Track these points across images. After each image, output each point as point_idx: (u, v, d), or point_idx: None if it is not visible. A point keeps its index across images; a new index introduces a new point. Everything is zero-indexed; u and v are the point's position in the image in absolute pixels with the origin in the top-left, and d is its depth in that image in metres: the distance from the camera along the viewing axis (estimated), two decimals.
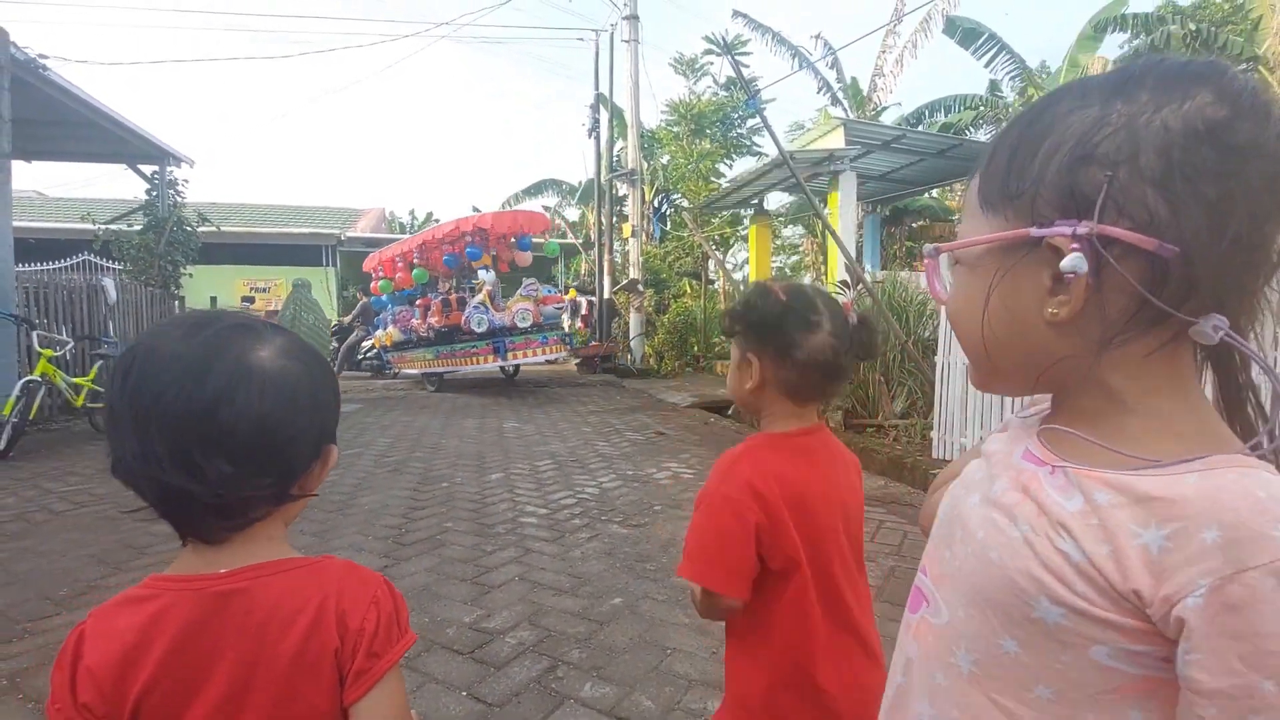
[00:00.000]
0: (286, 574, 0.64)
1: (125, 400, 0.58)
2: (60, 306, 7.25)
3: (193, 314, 0.65)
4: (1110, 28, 12.34)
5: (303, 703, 0.62)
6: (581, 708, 1.87)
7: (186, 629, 0.60)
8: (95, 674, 0.59)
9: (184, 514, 0.61)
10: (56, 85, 7.07)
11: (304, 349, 0.66)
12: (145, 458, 0.57)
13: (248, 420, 0.59)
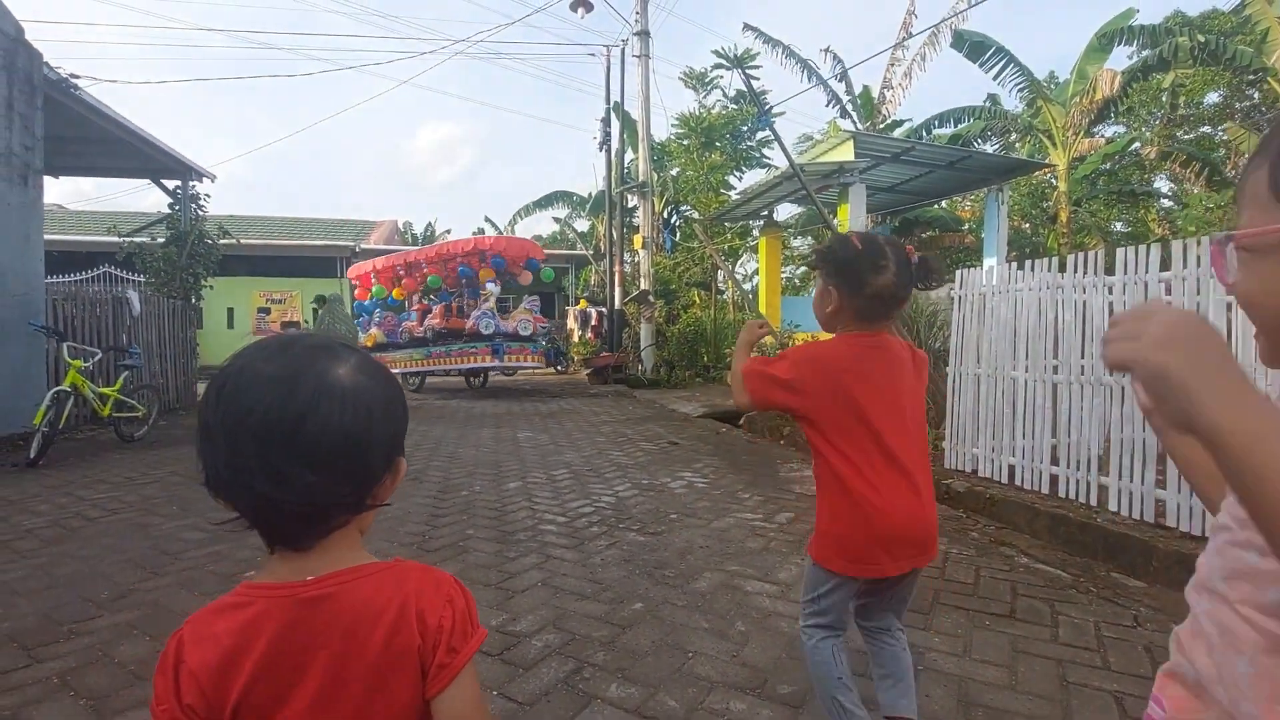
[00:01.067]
0: (368, 578, 0.69)
1: (219, 417, 0.64)
2: (86, 318, 7.43)
3: (278, 336, 0.72)
4: (1118, 40, 12.40)
5: (389, 696, 0.68)
6: (609, 707, 1.94)
7: (281, 632, 0.65)
8: (198, 676, 0.64)
9: (274, 523, 0.66)
10: (86, 104, 7.28)
11: (375, 366, 0.72)
12: (238, 469, 0.63)
13: (330, 432, 0.64)
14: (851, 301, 1.44)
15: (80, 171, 10.33)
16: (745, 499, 4.34)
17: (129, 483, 4.82)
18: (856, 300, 1.43)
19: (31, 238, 6.68)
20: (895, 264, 1.39)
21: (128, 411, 6.53)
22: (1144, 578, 2.97)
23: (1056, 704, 1.96)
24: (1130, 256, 3.58)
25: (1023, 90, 13.19)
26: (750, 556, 3.23)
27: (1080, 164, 15.63)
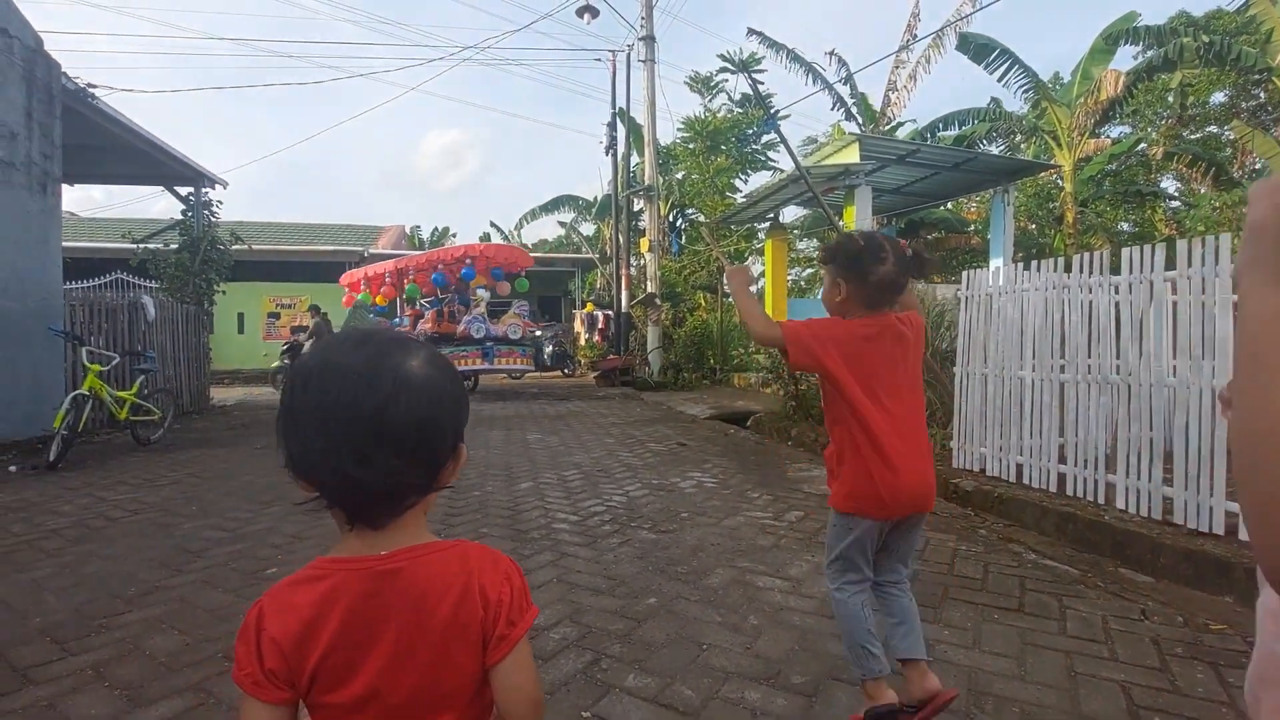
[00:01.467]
0: (435, 555, 0.75)
1: (308, 405, 0.69)
2: (103, 323, 7.55)
3: (355, 332, 0.77)
4: (1123, 40, 12.41)
5: (454, 662, 0.73)
6: (626, 696, 2.00)
7: (357, 602, 0.71)
8: (279, 643, 0.69)
9: (357, 502, 0.71)
10: (103, 113, 7.41)
11: (442, 360, 0.78)
12: (329, 453, 0.68)
13: (408, 420, 0.70)
14: (858, 291, 1.68)
15: (96, 179, 10.49)
16: (755, 498, 4.38)
17: (148, 484, 4.90)
18: (863, 289, 1.67)
19: (50, 244, 6.80)
20: (893, 256, 1.65)
21: (144, 415, 6.63)
22: (1152, 573, 3.01)
23: (1065, 693, 2.00)
24: (1135, 256, 3.62)
25: (1028, 92, 13.21)
26: (761, 553, 3.28)
27: (1086, 165, 15.61)
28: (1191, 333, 3.27)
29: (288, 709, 0.72)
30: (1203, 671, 2.13)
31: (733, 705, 1.94)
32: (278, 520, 3.91)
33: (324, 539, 3.56)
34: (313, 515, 3.69)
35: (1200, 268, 3.25)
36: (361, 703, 0.71)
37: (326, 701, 0.71)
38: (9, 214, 6.34)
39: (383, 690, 0.71)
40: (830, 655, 2.22)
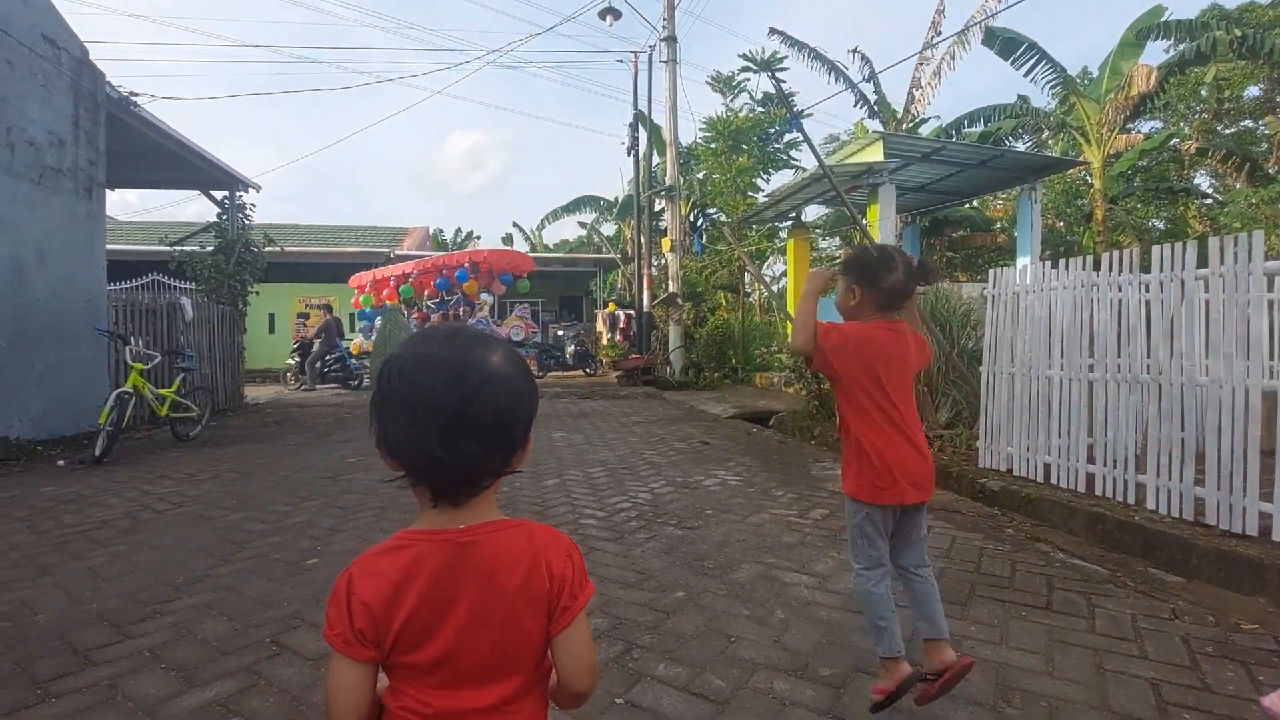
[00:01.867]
0: (506, 531, 0.82)
1: (402, 394, 0.77)
2: (144, 323, 7.81)
3: (441, 328, 0.84)
4: (1153, 34, 12.16)
5: (522, 629, 0.80)
6: (658, 684, 2.06)
7: (438, 570, 0.78)
8: (369, 605, 0.76)
9: (443, 481, 0.78)
10: (145, 120, 7.67)
11: (516, 356, 0.85)
12: (420, 438, 0.75)
13: (491, 410, 0.77)
14: (871, 296, 1.92)
15: (136, 184, 10.85)
16: (779, 496, 4.41)
17: (189, 479, 5.08)
18: (875, 295, 1.91)
19: (95, 247, 7.06)
20: (902, 266, 1.90)
21: (183, 412, 6.85)
22: (1183, 574, 2.99)
23: (1093, 689, 2.02)
24: (1166, 254, 3.58)
25: (1055, 87, 12.99)
26: (787, 550, 3.32)
27: (1116, 161, 15.31)
28: (1225, 331, 3.23)
29: (371, 668, 0.78)
30: (1233, 670, 2.13)
31: (762, 695, 1.99)
32: (315, 514, 4.04)
33: (359, 531, 3.68)
34: (348, 510, 3.82)
35: (1234, 265, 3.21)
36: (437, 663, 0.78)
37: (406, 661, 0.78)
38: (58, 219, 6.60)
39: (457, 652, 0.78)
40: (858, 649, 2.26)
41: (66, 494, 4.59)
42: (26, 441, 6.04)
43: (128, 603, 2.72)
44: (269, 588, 2.87)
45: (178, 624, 2.52)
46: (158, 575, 3.02)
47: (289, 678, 2.12)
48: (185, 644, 2.36)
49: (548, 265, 21.90)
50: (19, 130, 6.17)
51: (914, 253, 14.80)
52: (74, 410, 6.59)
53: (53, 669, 2.18)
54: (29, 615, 2.60)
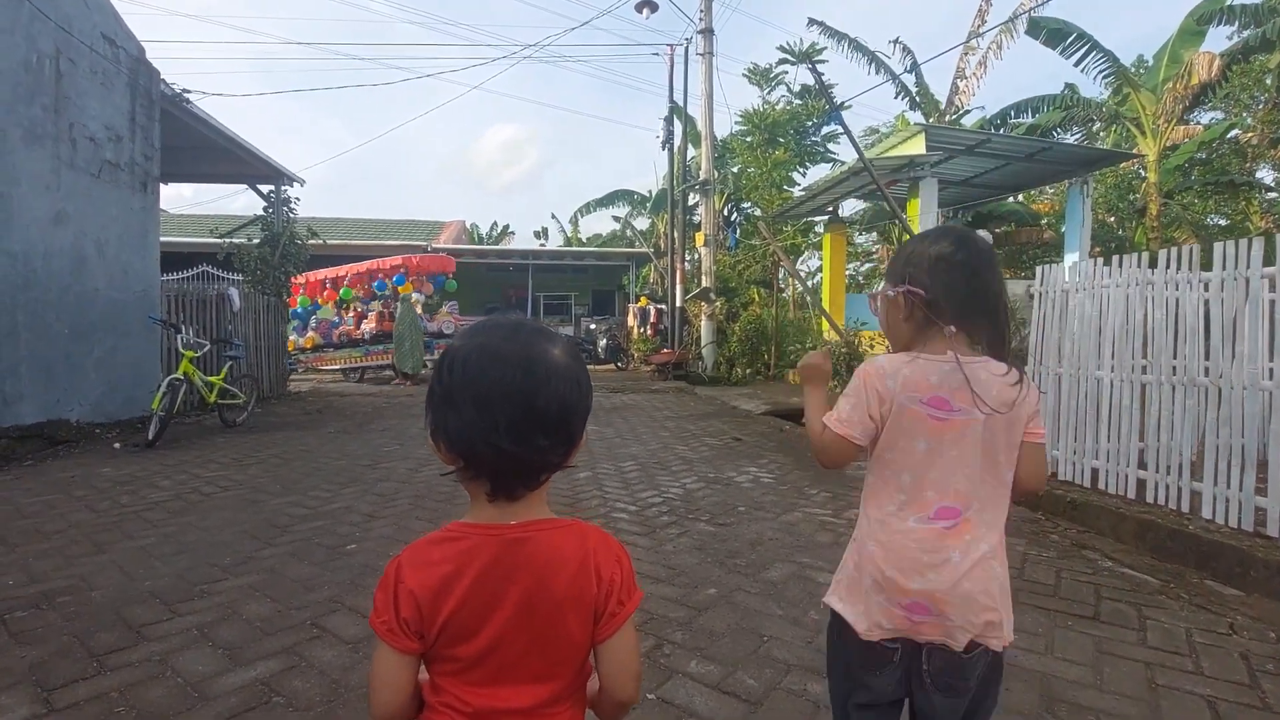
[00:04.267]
0: (558, 530, 0.80)
1: (467, 384, 0.75)
2: (193, 313, 8.09)
3: (504, 320, 0.82)
4: (1215, 20, 11.57)
5: (565, 633, 0.79)
6: (690, 681, 2.05)
7: (488, 564, 0.77)
8: (416, 595, 0.75)
9: (504, 475, 0.77)
10: (197, 117, 7.92)
11: (575, 349, 0.83)
12: (487, 430, 0.73)
13: (556, 403, 0.76)
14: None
15: (187, 178, 11.22)
16: (812, 494, 4.36)
17: (235, 463, 5.25)
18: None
19: (149, 239, 7.33)
20: None
21: (230, 399, 7.09)
22: (1241, 587, 2.85)
23: (1145, 704, 1.94)
24: (1230, 251, 3.41)
25: (1108, 77, 12.47)
26: (821, 550, 3.27)
27: (1172, 153, 14.65)
28: None
29: (414, 659, 0.78)
30: None
31: (795, 697, 1.97)
32: (354, 500, 4.13)
33: (397, 518, 3.75)
34: (385, 497, 3.89)
35: None
36: (479, 660, 0.77)
37: (448, 655, 0.78)
38: (116, 211, 6.87)
39: (500, 650, 0.77)
40: None
41: (122, 476, 4.79)
42: (85, 424, 6.31)
43: (178, 582, 2.82)
44: (310, 571, 2.95)
45: (224, 604, 2.60)
46: (205, 556, 3.13)
47: (328, 660, 2.17)
48: (231, 623, 2.44)
49: (580, 259, 21.99)
50: (80, 126, 6.43)
51: None
52: (128, 395, 6.87)
53: (108, 643, 2.27)
54: (87, 590, 2.72)
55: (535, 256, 20.85)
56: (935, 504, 1.11)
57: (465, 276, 21.48)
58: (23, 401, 5.79)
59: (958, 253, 1.14)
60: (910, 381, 1.12)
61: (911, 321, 1.17)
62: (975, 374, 1.11)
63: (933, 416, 1.11)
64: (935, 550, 1.09)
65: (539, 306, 21.57)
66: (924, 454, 1.12)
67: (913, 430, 1.12)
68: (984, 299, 1.14)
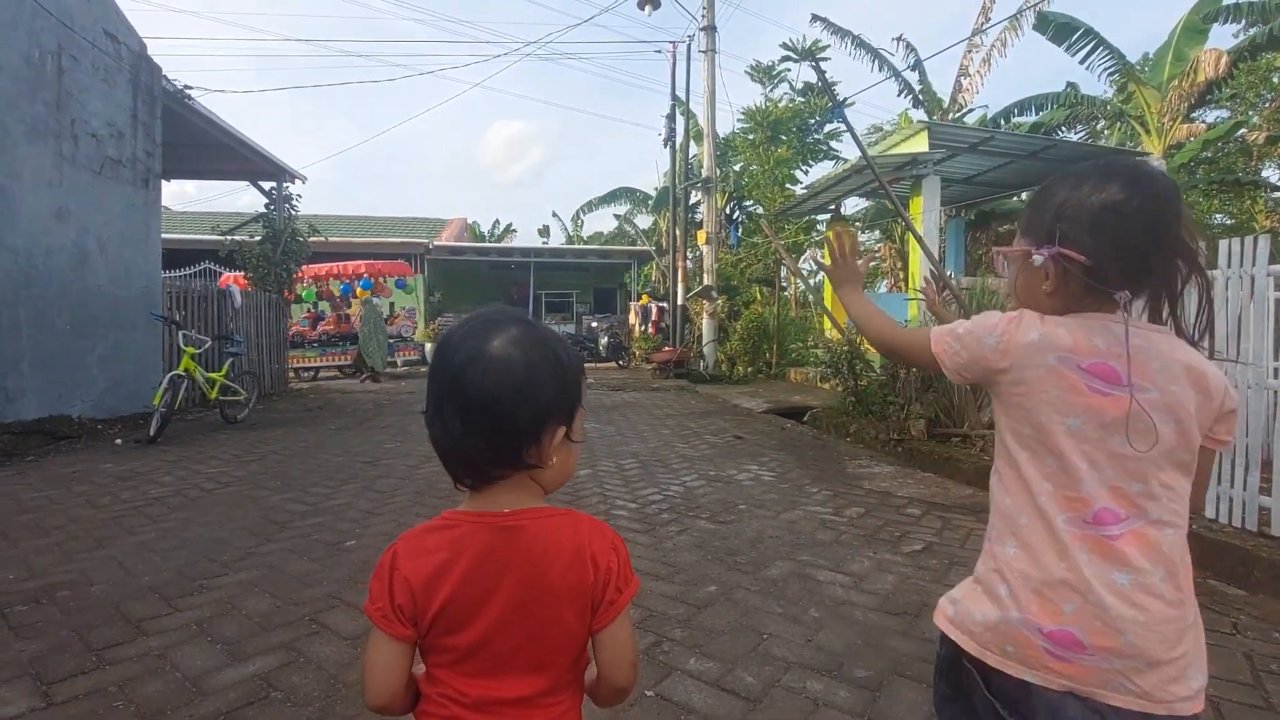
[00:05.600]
0: (551, 519, 0.80)
1: (430, 375, 0.79)
2: (195, 309, 8.10)
3: (482, 312, 0.81)
4: (1221, 18, 11.50)
5: (560, 621, 0.78)
6: (688, 678, 2.04)
7: (482, 552, 0.76)
8: (410, 582, 0.75)
9: (452, 468, 0.78)
10: (198, 113, 7.92)
11: (537, 338, 0.78)
12: (432, 420, 0.77)
13: (480, 395, 0.74)
14: None
15: (188, 175, 11.23)
16: (813, 493, 4.34)
17: (236, 460, 5.26)
18: None
19: (151, 236, 7.34)
20: None
21: (231, 395, 7.09)
22: (1245, 587, 2.83)
23: None
24: (1235, 248, 3.38)
25: (1113, 74, 12.41)
26: (821, 548, 3.26)
27: (1177, 151, 14.58)
28: None
29: (408, 646, 0.78)
30: None
31: (795, 694, 1.96)
32: (353, 497, 4.13)
33: (396, 515, 3.75)
34: (385, 494, 3.89)
35: None
36: (474, 649, 0.77)
37: (443, 644, 0.77)
38: (117, 208, 6.88)
39: (495, 639, 0.77)
40: (894, 651, 2.20)
41: (123, 471, 4.79)
42: (88, 420, 6.33)
43: (177, 577, 2.82)
44: (309, 567, 2.95)
45: (223, 599, 2.60)
46: (205, 552, 3.13)
47: (327, 656, 2.17)
48: (230, 619, 2.43)
49: (583, 257, 21.98)
50: (82, 122, 6.43)
51: (958, 247, 14.41)
52: (130, 391, 6.88)
53: (107, 638, 2.27)
54: (87, 585, 2.72)
55: (537, 254, 20.83)
56: (1095, 503, 0.85)
57: (468, 274, 21.52)
58: (25, 397, 5.80)
59: (1133, 198, 0.85)
60: (1064, 341, 0.86)
61: (1062, 294, 0.90)
62: (1156, 346, 0.86)
63: (1093, 389, 0.85)
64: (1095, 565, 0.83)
65: (541, 304, 21.58)
66: (1075, 436, 0.86)
67: (1063, 404, 0.86)
68: (1169, 261, 0.87)
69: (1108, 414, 0.84)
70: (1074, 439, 0.86)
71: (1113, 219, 0.85)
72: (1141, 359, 0.85)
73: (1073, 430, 0.86)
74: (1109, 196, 0.86)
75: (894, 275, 18.61)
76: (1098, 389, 0.85)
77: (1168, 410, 0.84)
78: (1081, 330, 0.87)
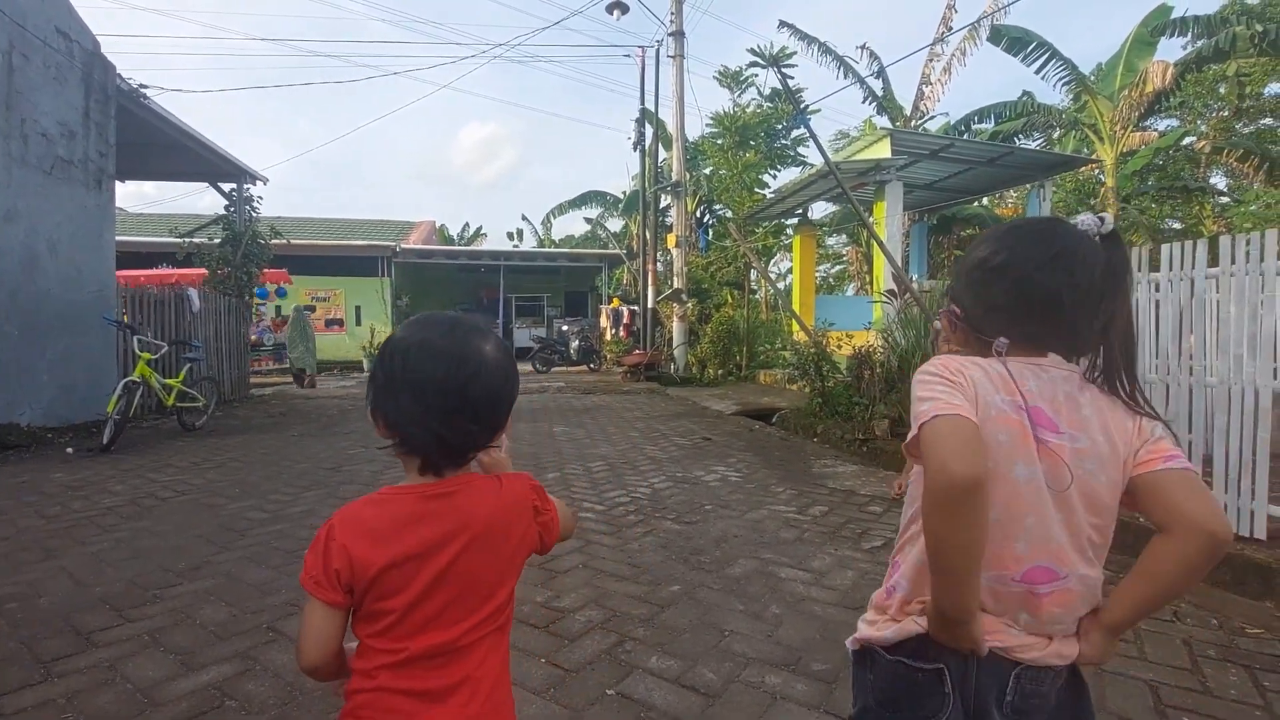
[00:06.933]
0: (478, 481, 0.90)
1: (406, 376, 0.84)
2: (152, 314, 7.87)
3: (442, 317, 0.90)
4: (1169, 31, 12.00)
5: (497, 569, 0.87)
6: (650, 676, 2.06)
7: (420, 519, 0.83)
8: (348, 549, 0.80)
9: (434, 454, 0.85)
10: (154, 112, 7.71)
11: (504, 345, 0.92)
12: (424, 416, 0.82)
13: (487, 394, 0.86)
14: None
15: (144, 175, 10.91)
16: (778, 492, 4.40)
17: (194, 467, 5.12)
18: None
19: (104, 238, 7.12)
20: None
21: (189, 402, 6.91)
22: None
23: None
24: (1176, 253, 3.54)
25: (1067, 84, 12.85)
26: (784, 546, 3.31)
27: (1129, 159, 15.14)
28: (1235, 332, 3.19)
29: (341, 613, 0.83)
30: (1236, 674, 2.11)
31: (753, 688, 1.99)
32: (315, 503, 4.06)
33: None
34: (348, 500, 3.85)
35: (1245, 264, 3.17)
36: (411, 607, 0.82)
37: (379, 608, 0.82)
38: (69, 209, 6.65)
39: (430, 598, 0.83)
40: None
41: (74, 481, 4.64)
42: (37, 428, 6.10)
43: (129, 587, 2.75)
44: (268, 575, 2.89)
45: (177, 609, 2.54)
46: (160, 561, 3.05)
47: (284, 664, 2.13)
48: (184, 629, 2.38)
49: (553, 260, 21.92)
50: (32, 122, 6.22)
51: (921, 251, 14.75)
52: (83, 398, 6.65)
53: (56, 649, 2.20)
54: (35, 597, 2.63)
55: (508, 257, 20.70)
56: (1026, 562, 0.83)
57: (437, 278, 21.28)
58: None
59: (997, 254, 0.89)
60: (1005, 379, 0.84)
61: (958, 343, 0.94)
62: (1051, 380, 0.86)
63: (1038, 436, 0.82)
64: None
65: (512, 308, 21.43)
66: (1022, 486, 0.82)
67: (1010, 448, 0.82)
68: (1045, 308, 0.86)
69: (1046, 463, 0.83)
70: (1019, 488, 0.84)
71: (979, 274, 0.92)
72: (1075, 397, 0.87)
73: (1017, 478, 0.84)
74: (979, 254, 0.93)
75: (860, 279, 18.92)
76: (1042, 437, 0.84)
77: (1082, 455, 0.84)
78: (1016, 370, 0.86)
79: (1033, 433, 0.82)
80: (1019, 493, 0.82)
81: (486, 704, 0.86)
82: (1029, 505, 0.82)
